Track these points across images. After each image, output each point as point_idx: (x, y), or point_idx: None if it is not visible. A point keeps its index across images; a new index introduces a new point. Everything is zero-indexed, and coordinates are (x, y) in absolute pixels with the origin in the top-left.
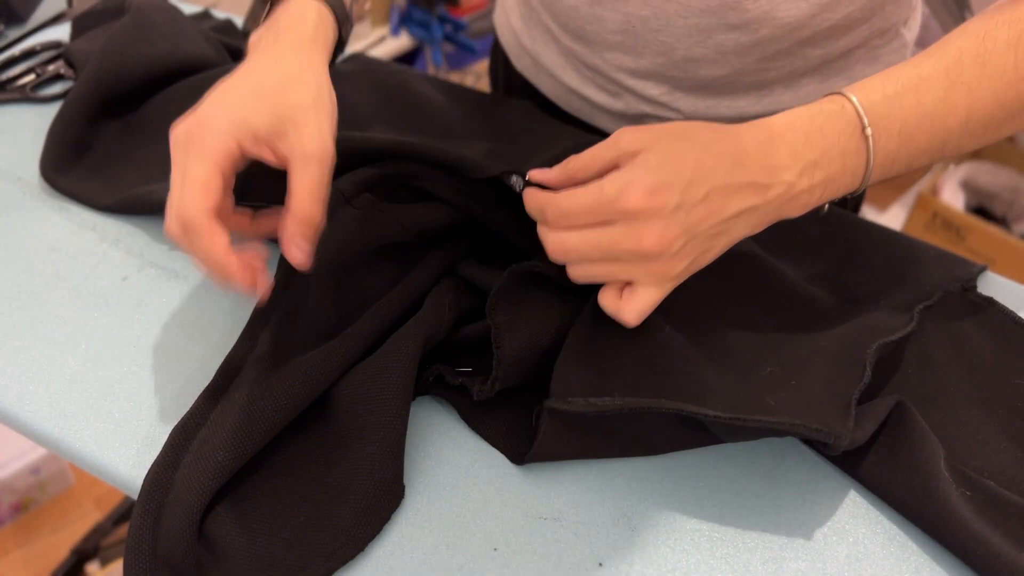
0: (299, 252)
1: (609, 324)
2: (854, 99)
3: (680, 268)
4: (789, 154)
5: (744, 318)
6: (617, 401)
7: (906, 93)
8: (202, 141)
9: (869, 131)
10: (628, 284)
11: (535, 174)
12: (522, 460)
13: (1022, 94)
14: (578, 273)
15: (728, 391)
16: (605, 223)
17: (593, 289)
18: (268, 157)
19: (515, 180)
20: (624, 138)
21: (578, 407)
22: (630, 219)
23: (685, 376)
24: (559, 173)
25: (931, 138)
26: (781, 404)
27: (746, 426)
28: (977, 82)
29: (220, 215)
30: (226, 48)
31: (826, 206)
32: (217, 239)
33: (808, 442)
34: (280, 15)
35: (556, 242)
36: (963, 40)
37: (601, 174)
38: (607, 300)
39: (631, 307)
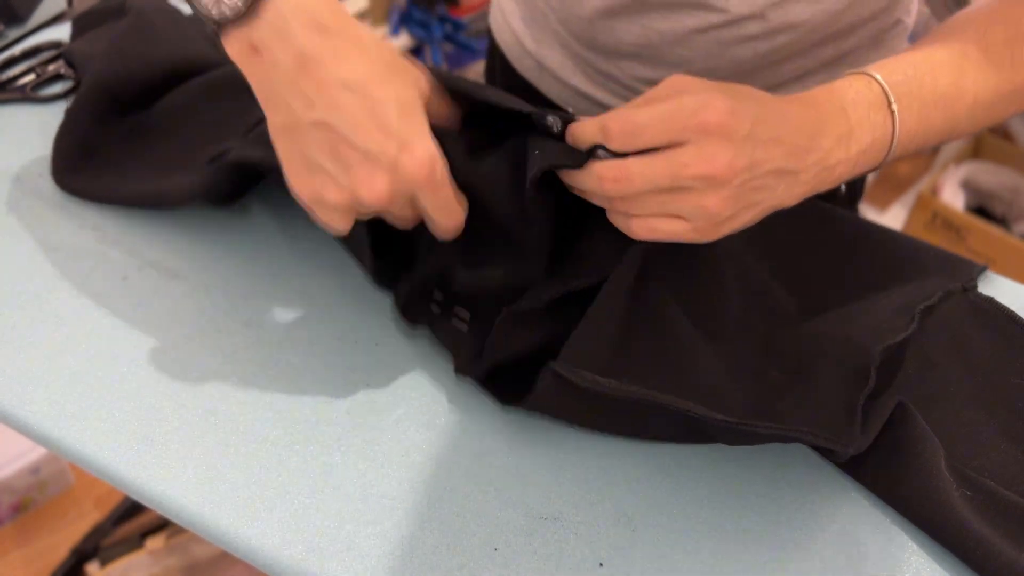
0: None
1: (631, 303)
2: (878, 77)
3: (728, 213)
4: (826, 121)
5: (745, 318)
6: (624, 387)
7: (923, 76)
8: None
9: (895, 107)
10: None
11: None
12: (508, 403)
13: (1016, 86)
14: (630, 206)
15: (734, 393)
16: (673, 145)
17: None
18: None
19: (552, 120)
20: (680, 82)
21: (584, 382)
22: (705, 137)
23: (695, 374)
24: (614, 113)
25: (944, 120)
26: (787, 409)
27: (754, 431)
28: (982, 73)
29: None
30: None
31: (843, 186)
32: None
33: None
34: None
35: (618, 168)
36: (966, 33)
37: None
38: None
39: (652, 225)
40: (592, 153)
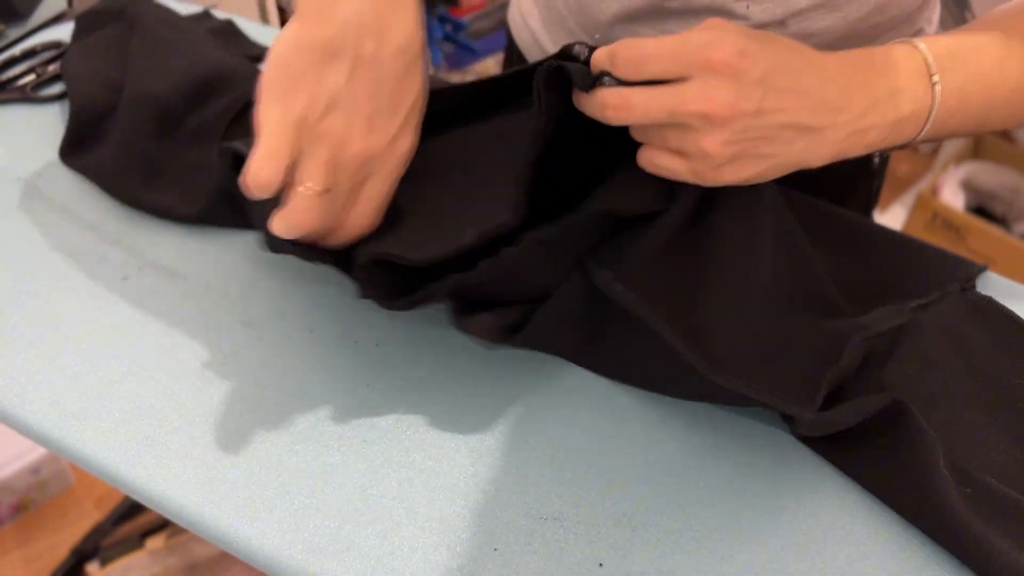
0: None
1: (673, 239)
2: (922, 47)
3: (727, 156)
4: (865, 80)
5: (735, 305)
6: (641, 305)
7: (967, 53)
8: None
9: (936, 78)
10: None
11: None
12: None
13: None
14: (637, 135)
15: (724, 350)
16: (678, 80)
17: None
18: None
19: (579, 49)
20: (714, 22)
21: (603, 282)
22: (709, 74)
23: (701, 319)
24: (625, 40)
25: (983, 104)
26: (753, 376)
27: (715, 384)
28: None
29: None
30: (228, 43)
31: (877, 157)
32: None
33: (805, 440)
34: None
35: (618, 96)
36: (1010, 21)
37: None
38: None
39: (654, 157)
40: (599, 78)
